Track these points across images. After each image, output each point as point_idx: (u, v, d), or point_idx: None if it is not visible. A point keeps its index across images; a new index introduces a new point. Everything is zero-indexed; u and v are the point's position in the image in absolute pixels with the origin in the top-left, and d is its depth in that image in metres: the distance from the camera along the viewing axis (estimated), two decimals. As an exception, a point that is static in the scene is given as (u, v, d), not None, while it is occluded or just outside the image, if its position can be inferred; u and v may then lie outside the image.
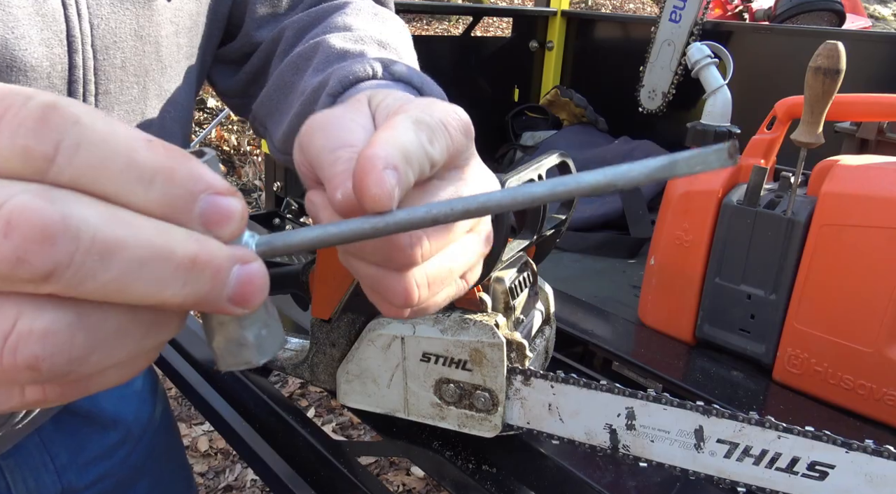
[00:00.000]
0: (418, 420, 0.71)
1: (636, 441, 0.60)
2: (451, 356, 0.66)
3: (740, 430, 0.56)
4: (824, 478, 0.53)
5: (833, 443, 0.53)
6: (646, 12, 7.78)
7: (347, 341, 0.73)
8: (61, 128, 0.21)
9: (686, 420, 0.58)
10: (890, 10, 8.21)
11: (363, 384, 0.72)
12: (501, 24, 5.80)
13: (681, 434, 0.58)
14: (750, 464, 0.56)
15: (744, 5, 3.03)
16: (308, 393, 2.28)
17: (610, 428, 0.61)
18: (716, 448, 0.57)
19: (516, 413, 0.66)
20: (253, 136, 4.18)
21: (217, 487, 1.91)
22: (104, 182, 0.22)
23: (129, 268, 0.22)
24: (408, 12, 2.25)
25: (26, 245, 0.20)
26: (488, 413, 0.67)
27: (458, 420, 0.69)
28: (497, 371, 0.65)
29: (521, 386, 0.65)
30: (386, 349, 0.69)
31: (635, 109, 2.00)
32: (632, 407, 0.60)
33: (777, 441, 0.55)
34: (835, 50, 0.85)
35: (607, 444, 0.62)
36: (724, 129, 1.13)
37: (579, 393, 0.62)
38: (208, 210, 0.24)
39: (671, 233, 1.06)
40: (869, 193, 0.86)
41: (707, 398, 0.88)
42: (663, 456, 0.60)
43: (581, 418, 0.63)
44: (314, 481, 0.77)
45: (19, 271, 0.20)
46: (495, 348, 0.65)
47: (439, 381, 0.68)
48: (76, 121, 0.21)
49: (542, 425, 0.65)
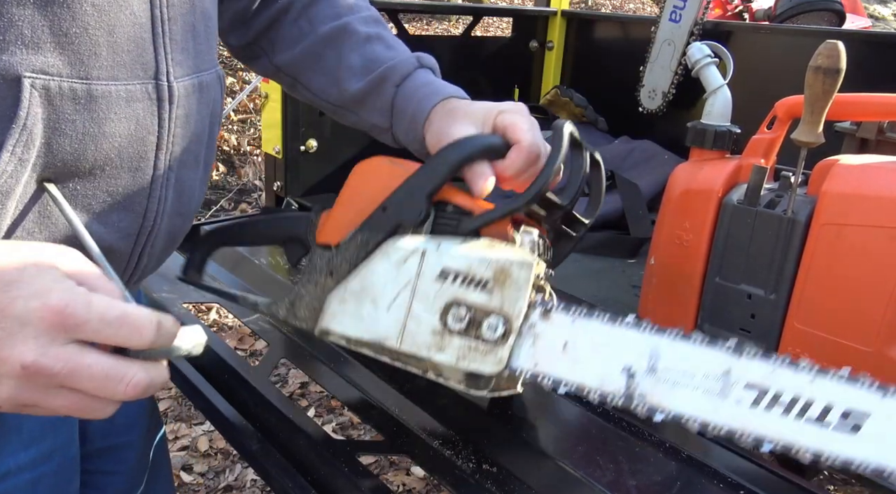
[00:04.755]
0: (409, 351, 0.63)
1: (655, 387, 0.54)
2: (472, 273, 0.61)
3: (772, 372, 0.51)
4: (857, 431, 0.49)
5: (869, 388, 0.49)
6: (646, 12, 7.78)
7: (350, 265, 0.68)
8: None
9: (714, 362, 0.53)
10: (890, 10, 8.21)
11: (358, 305, 0.65)
12: (501, 24, 5.79)
13: (706, 378, 0.53)
14: (779, 415, 0.51)
15: (744, 5, 3.03)
16: (308, 393, 2.28)
17: (628, 372, 0.55)
18: (742, 395, 0.52)
19: (524, 354, 0.60)
20: (253, 136, 4.18)
21: (217, 487, 1.91)
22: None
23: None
24: (408, 12, 2.25)
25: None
26: (495, 344, 0.60)
27: (458, 352, 0.61)
28: (520, 294, 0.60)
29: (539, 319, 0.60)
30: (401, 264, 0.64)
31: (635, 109, 2.00)
32: (658, 346, 0.55)
33: (810, 385, 0.50)
34: (835, 49, 0.85)
35: (621, 391, 0.55)
36: (725, 129, 1.13)
37: (601, 328, 0.57)
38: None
39: (671, 233, 1.06)
40: (869, 193, 0.86)
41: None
42: (682, 406, 0.54)
43: (598, 359, 0.57)
44: (314, 481, 0.77)
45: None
46: (524, 267, 0.60)
47: (449, 304, 0.62)
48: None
49: (551, 368, 0.59)
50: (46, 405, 0.43)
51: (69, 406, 0.44)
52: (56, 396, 0.43)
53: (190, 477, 1.93)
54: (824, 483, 1.80)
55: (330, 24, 0.81)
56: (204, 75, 0.66)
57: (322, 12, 0.82)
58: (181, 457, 1.99)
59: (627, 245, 1.57)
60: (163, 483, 0.93)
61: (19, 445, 0.64)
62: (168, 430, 2.05)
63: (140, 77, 0.58)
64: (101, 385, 0.43)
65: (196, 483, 1.91)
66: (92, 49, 0.53)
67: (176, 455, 1.98)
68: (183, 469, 1.95)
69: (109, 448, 0.82)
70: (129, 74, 0.57)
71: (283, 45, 0.83)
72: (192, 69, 0.63)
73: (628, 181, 1.71)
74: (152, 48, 0.58)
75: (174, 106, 0.61)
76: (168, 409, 2.18)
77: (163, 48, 0.59)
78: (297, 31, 0.82)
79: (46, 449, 0.67)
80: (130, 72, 0.57)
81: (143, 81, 0.58)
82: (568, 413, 0.84)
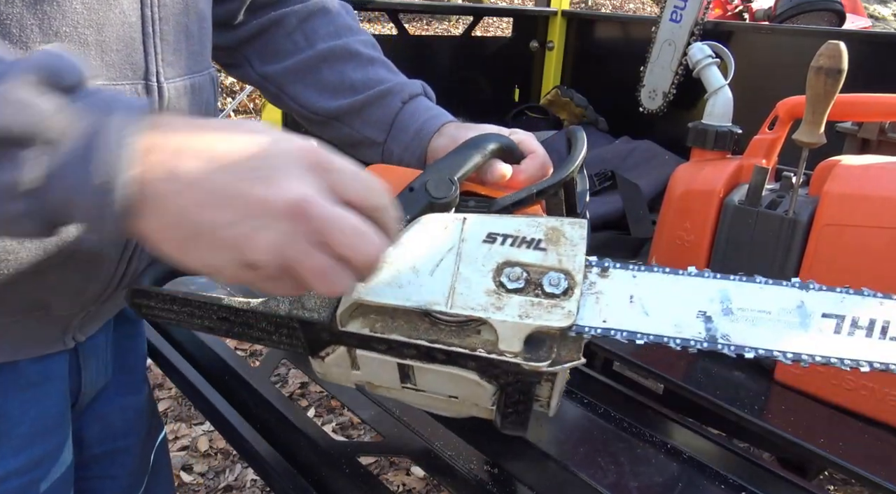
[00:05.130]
0: (462, 313, 0.55)
1: (735, 327, 0.53)
2: (521, 234, 0.57)
3: (842, 301, 0.53)
4: None
5: None
6: (646, 12, 7.78)
7: None
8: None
9: (785, 298, 0.54)
10: (890, 10, 8.21)
11: (396, 274, 0.57)
12: (501, 24, 5.79)
13: (783, 313, 0.53)
14: (863, 337, 0.52)
15: (744, 5, 3.03)
16: (308, 393, 2.28)
17: (704, 316, 0.54)
18: (823, 325, 0.52)
19: (589, 313, 0.56)
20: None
21: (217, 487, 1.91)
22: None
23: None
24: (408, 12, 2.25)
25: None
26: (560, 298, 0.54)
27: (520, 309, 0.54)
28: (577, 249, 0.56)
29: (598, 278, 0.57)
30: (441, 230, 0.58)
31: (636, 109, 2.00)
32: (727, 289, 0.54)
33: (881, 307, 0.52)
34: (836, 50, 0.85)
35: (703, 335, 0.54)
36: (726, 129, 1.13)
37: (665, 279, 0.56)
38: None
39: (672, 233, 1.06)
40: (871, 193, 0.86)
41: (708, 398, 0.88)
42: (770, 341, 0.53)
43: (670, 308, 0.55)
44: (314, 481, 0.77)
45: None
46: (576, 225, 0.57)
47: (502, 265, 0.56)
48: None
49: (622, 322, 0.55)
50: (304, 263, 0.39)
51: (322, 268, 0.40)
52: (313, 253, 0.39)
53: (190, 477, 1.93)
54: (824, 483, 1.80)
55: (329, 43, 0.80)
56: (196, 77, 0.65)
57: (321, 29, 0.81)
58: (181, 457, 1.98)
59: (628, 245, 1.56)
60: (163, 484, 0.93)
61: (9, 451, 0.64)
62: (168, 430, 2.05)
63: (129, 77, 0.57)
64: (352, 241, 0.40)
65: (196, 483, 1.91)
66: (80, 48, 0.53)
67: (176, 455, 1.98)
68: (183, 469, 1.95)
69: (107, 453, 0.81)
70: (118, 74, 0.56)
71: (273, 57, 0.82)
72: (184, 70, 0.63)
73: (629, 181, 1.71)
74: (142, 48, 0.58)
75: (164, 107, 0.60)
76: (168, 409, 2.18)
77: (153, 48, 0.59)
78: (291, 44, 0.81)
79: (37, 456, 0.66)
80: (119, 71, 0.56)
81: (132, 82, 0.57)
82: (569, 414, 0.84)
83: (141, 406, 0.85)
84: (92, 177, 0.37)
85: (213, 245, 0.39)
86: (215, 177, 0.39)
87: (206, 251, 0.39)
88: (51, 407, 0.68)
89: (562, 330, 0.54)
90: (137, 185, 0.38)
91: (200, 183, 0.39)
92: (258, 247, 0.39)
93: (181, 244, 0.40)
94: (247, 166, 0.39)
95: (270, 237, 0.39)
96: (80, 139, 0.37)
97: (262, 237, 0.39)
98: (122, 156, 0.37)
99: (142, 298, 0.65)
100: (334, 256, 0.40)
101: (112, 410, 0.80)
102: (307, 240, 0.39)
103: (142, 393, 0.85)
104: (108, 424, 0.81)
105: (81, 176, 0.37)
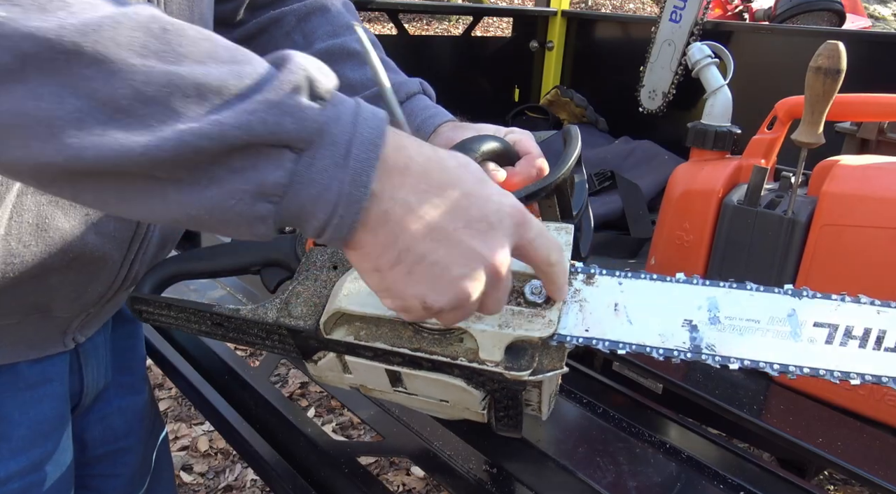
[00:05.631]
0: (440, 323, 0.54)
1: (722, 336, 0.52)
2: None
3: (836, 309, 0.51)
4: None
5: None
6: (646, 12, 7.78)
7: None
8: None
9: (776, 305, 0.52)
10: (890, 10, 8.21)
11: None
12: (501, 24, 5.79)
13: (773, 322, 0.51)
14: (855, 348, 0.50)
15: (744, 5, 3.03)
16: (308, 393, 2.28)
17: (690, 325, 0.52)
18: (814, 334, 0.50)
19: (572, 321, 0.55)
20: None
21: (217, 487, 1.91)
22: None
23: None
24: (408, 12, 2.25)
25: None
26: (542, 308, 0.53)
27: (500, 318, 0.53)
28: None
29: (583, 285, 0.56)
30: None
31: (635, 109, 2.00)
32: (715, 296, 0.52)
33: (877, 316, 0.50)
34: (835, 50, 0.85)
35: (687, 346, 0.52)
36: (725, 129, 1.13)
37: (652, 286, 0.54)
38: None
39: (672, 233, 1.06)
40: (869, 193, 0.86)
41: (707, 398, 0.88)
42: (756, 352, 0.51)
43: (654, 316, 0.53)
44: (314, 481, 0.77)
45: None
46: (562, 231, 0.56)
47: None
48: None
49: (605, 331, 0.54)
50: (489, 307, 0.47)
51: (499, 303, 0.47)
52: (489, 297, 0.46)
53: (190, 477, 1.93)
54: (823, 483, 1.80)
55: (328, 42, 0.81)
56: None
57: (319, 28, 0.82)
58: (181, 457, 1.99)
59: (628, 245, 1.57)
60: (164, 483, 0.93)
61: (8, 454, 0.64)
62: (168, 430, 2.05)
63: None
64: (496, 299, 0.46)
65: (196, 483, 1.91)
66: None
67: (176, 455, 1.98)
68: (183, 469, 1.95)
69: (109, 454, 0.81)
70: None
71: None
72: None
73: (629, 181, 1.71)
74: None
75: None
76: (168, 409, 2.18)
77: None
78: (289, 43, 0.81)
79: (37, 458, 0.66)
80: None
81: None
82: (568, 413, 0.84)
83: (142, 407, 0.85)
84: (346, 185, 0.39)
85: (436, 278, 0.43)
86: (443, 217, 0.42)
87: (424, 282, 0.43)
88: (50, 408, 0.68)
89: (542, 340, 0.53)
90: (375, 200, 0.40)
91: (428, 216, 0.42)
92: (466, 289, 0.44)
93: (394, 267, 0.43)
94: (470, 216, 0.43)
95: (477, 285, 0.44)
96: (337, 147, 0.39)
97: (470, 283, 0.44)
98: (373, 169, 0.40)
99: (141, 305, 0.66)
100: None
101: (113, 412, 0.80)
102: (492, 288, 0.45)
103: (142, 394, 0.85)
104: (110, 426, 0.81)
105: (333, 183, 0.39)
